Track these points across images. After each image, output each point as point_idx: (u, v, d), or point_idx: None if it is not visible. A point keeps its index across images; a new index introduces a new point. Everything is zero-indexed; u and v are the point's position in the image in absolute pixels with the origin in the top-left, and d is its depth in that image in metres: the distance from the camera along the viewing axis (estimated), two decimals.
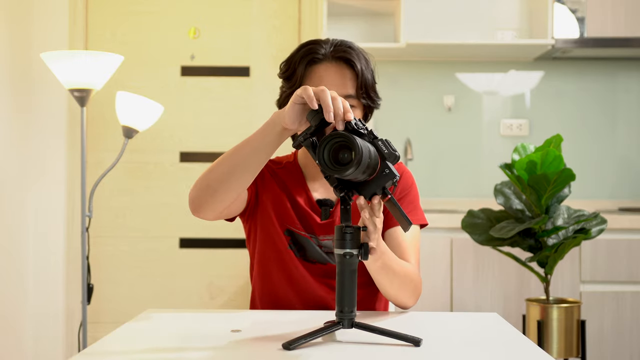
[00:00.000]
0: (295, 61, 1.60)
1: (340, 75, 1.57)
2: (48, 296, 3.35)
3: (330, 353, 1.16)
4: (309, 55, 1.58)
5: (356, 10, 3.49)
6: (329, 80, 1.56)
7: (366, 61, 1.61)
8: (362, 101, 1.58)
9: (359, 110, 1.59)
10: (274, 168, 1.68)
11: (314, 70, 1.58)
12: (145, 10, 3.51)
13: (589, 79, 3.56)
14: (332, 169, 1.15)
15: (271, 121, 1.35)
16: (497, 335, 1.33)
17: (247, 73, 3.51)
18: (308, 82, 1.58)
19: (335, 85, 1.56)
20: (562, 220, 2.04)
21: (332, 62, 1.58)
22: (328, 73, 1.57)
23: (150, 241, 3.47)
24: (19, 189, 3.24)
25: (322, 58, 1.58)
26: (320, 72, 1.58)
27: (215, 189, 1.40)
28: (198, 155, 3.50)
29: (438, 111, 3.57)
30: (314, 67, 1.58)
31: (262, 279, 1.66)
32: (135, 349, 1.20)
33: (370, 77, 1.60)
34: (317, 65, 1.58)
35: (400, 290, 1.49)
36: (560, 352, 2.00)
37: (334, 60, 1.58)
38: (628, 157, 3.56)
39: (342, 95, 1.54)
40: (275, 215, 1.62)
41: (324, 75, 1.57)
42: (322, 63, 1.58)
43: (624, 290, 2.94)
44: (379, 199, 1.21)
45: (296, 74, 1.59)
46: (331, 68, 1.58)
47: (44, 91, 3.35)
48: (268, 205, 1.63)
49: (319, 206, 1.63)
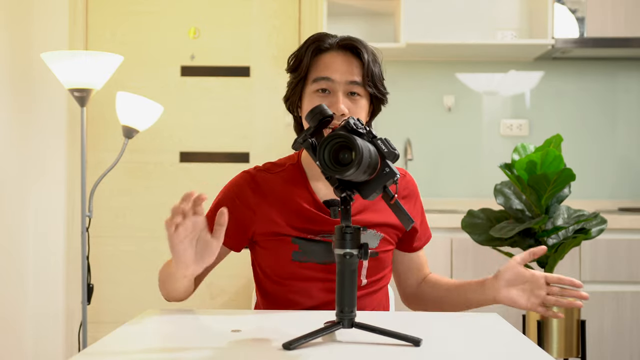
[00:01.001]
0: (302, 51, 1.59)
1: (347, 62, 1.56)
2: (48, 296, 3.35)
3: (330, 353, 1.16)
4: (315, 43, 1.58)
5: (356, 10, 3.49)
6: (335, 66, 1.55)
7: (373, 55, 1.60)
8: (369, 89, 1.56)
9: (366, 100, 1.58)
10: (266, 175, 1.62)
11: (320, 58, 1.58)
12: (145, 10, 3.51)
13: (589, 79, 3.56)
14: (333, 169, 1.15)
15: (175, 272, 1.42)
16: (497, 335, 1.33)
17: (247, 73, 3.51)
18: (314, 70, 1.57)
19: (341, 72, 1.55)
20: (562, 220, 2.04)
21: (339, 51, 1.58)
22: (334, 61, 1.56)
23: (151, 241, 3.47)
24: (19, 189, 3.24)
25: (329, 47, 1.58)
26: (326, 60, 1.57)
27: (170, 299, 1.57)
28: (198, 155, 3.50)
29: (438, 111, 3.57)
30: (320, 56, 1.58)
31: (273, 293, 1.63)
32: (135, 349, 1.20)
33: (377, 70, 1.59)
34: (324, 54, 1.58)
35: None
36: (560, 352, 2.00)
37: (340, 49, 1.58)
38: (628, 157, 3.56)
39: (348, 81, 1.55)
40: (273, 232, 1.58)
41: (329, 62, 1.56)
42: (328, 52, 1.58)
43: (624, 290, 2.94)
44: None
45: (303, 63, 1.58)
46: (337, 57, 1.57)
47: (44, 91, 3.35)
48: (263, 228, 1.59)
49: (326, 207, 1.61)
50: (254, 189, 1.60)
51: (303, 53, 1.59)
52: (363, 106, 1.57)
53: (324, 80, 1.55)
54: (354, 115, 1.54)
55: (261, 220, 1.59)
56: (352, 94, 1.55)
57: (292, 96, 1.61)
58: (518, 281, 1.52)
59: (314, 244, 1.57)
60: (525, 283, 1.51)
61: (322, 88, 1.55)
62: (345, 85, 1.55)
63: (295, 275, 1.58)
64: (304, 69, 1.57)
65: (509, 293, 1.52)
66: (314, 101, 1.55)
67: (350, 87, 1.55)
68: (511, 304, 1.53)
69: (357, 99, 1.56)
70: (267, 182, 1.61)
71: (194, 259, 1.33)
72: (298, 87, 1.59)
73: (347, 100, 1.54)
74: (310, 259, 1.57)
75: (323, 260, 1.58)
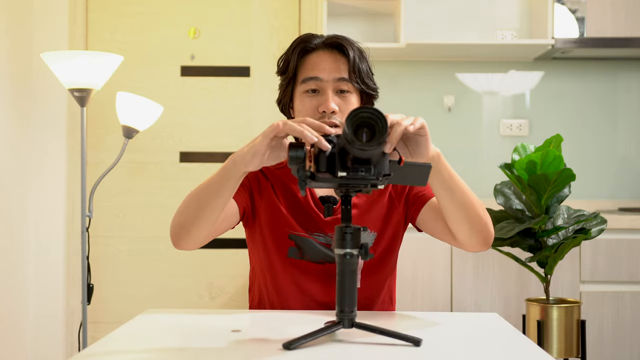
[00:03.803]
0: (289, 53, 1.63)
1: (333, 60, 1.59)
2: (48, 296, 3.35)
3: (330, 353, 1.16)
4: (302, 44, 1.61)
5: (356, 10, 3.49)
6: (322, 65, 1.58)
7: (360, 51, 1.62)
8: (356, 85, 1.58)
9: (355, 96, 1.60)
10: (273, 169, 1.66)
11: (307, 59, 1.61)
12: (145, 11, 3.51)
13: (589, 79, 3.56)
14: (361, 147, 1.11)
15: (230, 164, 1.33)
16: (497, 335, 1.33)
17: (247, 73, 3.51)
18: (302, 71, 1.60)
19: (328, 69, 1.57)
20: (562, 220, 2.04)
21: (325, 50, 1.60)
22: (321, 59, 1.59)
23: (150, 241, 3.47)
24: (19, 189, 3.24)
25: (315, 47, 1.61)
26: (313, 59, 1.60)
27: (188, 228, 1.43)
28: (198, 155, 3.50)
29: (438, 111, 3.57)
30: (307, 57, 1.61)
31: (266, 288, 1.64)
32: (135, 349, 1.20)
33: (365, 66, 1.61)
34: (310, 54, 1.61)
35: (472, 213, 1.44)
36: (560, 352, 2.00)
37: (326, 48, 1.61)
38: (628, 157, 3.56)
39: (335, 79, 1.57)
40: (273, 222, 1.61)
41: (316, 61, 1.59)
42: (315, 52, 1.61)
43: (624, 290, 2.94)
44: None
45: (290, 65, 1.61)
46: (324, 55, 1.60)
47: (44, 91, 3.35)
48: (266, 214, 1.61)
49: (321, 203, 1.62)
50: (262, 174, 1.65)
51: (290, 55, 1.62)
52: (353, 102, 1.58)
53: (312, 80, 1.57)
54: (345, 112, 1.55)
55: (266, 204, 1.61)
56: (341, 92, 1.57)
57: (284, 98, 1.65)
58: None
59: (309, 243, 1.59)
60: None
61: (312, 89, 1.58)
62: (334, 82, 1.57)
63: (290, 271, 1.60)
64: (292, 71, 1.60)
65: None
66: (304, 102, 1.58)
67: (338, 84, 1.57)
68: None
69: (346, 96, 1.58)
70: (270, 171, 1.66)
71: (265, 155, 1.28)
72: (288, 89, 1.63)
73: (336, 98, 1.57)
74: (304, 257, 1.59)
75: (318, 259, 1.59)
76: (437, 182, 1.40)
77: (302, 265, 1.59)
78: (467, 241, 1.49)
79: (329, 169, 1.19)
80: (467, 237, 1.48)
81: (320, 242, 1.60)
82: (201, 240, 1.46)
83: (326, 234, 1.60)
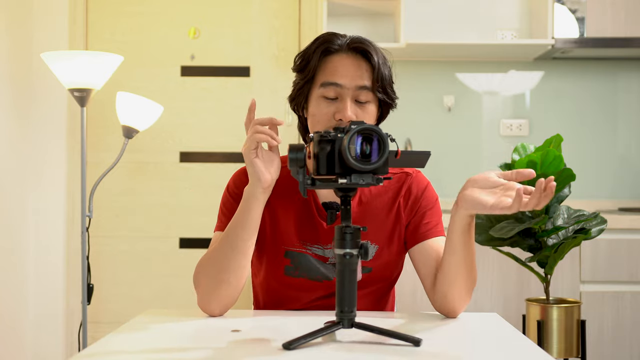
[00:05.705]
0: (310, 52, 1.54)
1: (356, 66, 1.51)
2: (48, 296, 3.35)
3: (330, 353, 1.16)
4: (324, 44, 1.52)
5: (356, 10, 3.49)
6: (344, 71, 1.50)
7: (384, 57, 1.55)
8: (378, 95, 1.51)
9: (374, 106, 1.53)
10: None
11: (329, 60, 1.52)
12: (145, 11, 3.51)
13: (589, 79, 3.56)
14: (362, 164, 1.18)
15: (249, 196, 1.40)
16: (497, 335, 1.33)
17: (247, 73, 3.51)
18: (322, 72, 1.51)
19: (350, 76, 1.49)
20: (562, 220, 2.03)
21: (348, 53, 1.52)
22: (343, 64, 1.51)
23: (150, 241, 3.47)
24: (19, 189, 3.24)
25: (338, 49, 1.52)
26: (335, 62, 1.51)
27: (223, 279, 1.42)
28: (198, 155, 3.50)
29: (438, 111, 3.57)
30: (328, 58, 1.52)
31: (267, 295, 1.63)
32: (135, 349, 1.19)
33: (388, 74, 1.54)
34: (332, 56, 1.52)
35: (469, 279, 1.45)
36: (560, 352, 2.00)
37: (350, 51, 1.52)
38: (628, 157, 3.56)
39: (357, 87, 1.49)
40: (271, 237, 1.56)
41: (338, 65, 1.51)
42: (337, 54, 1.52)
43: (624, 290, 2.94)
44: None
45: (310, 65, 1.52)
46: (346, 59, 1.51)
47: (44, 91, 3.35)
48: (265, 225, 1.56)
49: (325, 209, 1.56)
50: None
51: (311, 54, 1.53)
52: (371, 112, 1.51)
53: (332, 86, 1.49)
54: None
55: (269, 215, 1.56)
56: (360, 103, 1.50)
57: (298, 97, 1.56)
58: (487, 185, 1.34)
59: (305, 259, 1.55)
60: (496, 187, 1.33)
61: (331, 97, 1.50)
62: (354, 90, 1.49)
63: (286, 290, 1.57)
64: (312, 71, 1.52)
65: (473, 192, 1.33)
66: (320, 106, 1.50)
67: (358, 93, 1.49)
68: (474, 203, 1.33)
69: (365, 106, 1.50)
70: None
71: (265, 166, 1.39)
72: (305, 89, 1.54)
73: (354, 107, 1.49)
74: (302, 275, 1.55)
75: (315, 276, 1.55)
76: (469, 236, 1.40)
77: (298, 283, 1.56)
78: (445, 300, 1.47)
79: (329, 169, 1.19)
80: (453, 299, 1.46)
81: (317, 255, 1.55)
82: (237, 292, 1.46)
83: (324, 246, 1.55)
